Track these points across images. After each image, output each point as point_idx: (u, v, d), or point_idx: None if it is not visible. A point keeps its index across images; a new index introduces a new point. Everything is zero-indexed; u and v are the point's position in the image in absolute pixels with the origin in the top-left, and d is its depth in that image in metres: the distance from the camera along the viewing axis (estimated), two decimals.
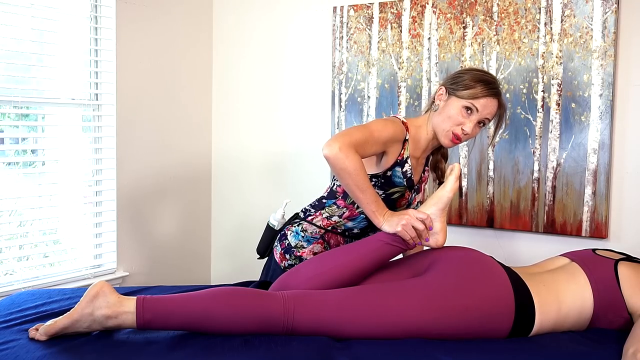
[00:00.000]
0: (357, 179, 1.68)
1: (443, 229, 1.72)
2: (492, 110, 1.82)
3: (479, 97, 1.78)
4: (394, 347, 1.49)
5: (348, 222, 1.94)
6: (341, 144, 1.66)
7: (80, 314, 1.47)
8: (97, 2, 2.62)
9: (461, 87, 1.80)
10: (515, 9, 2.32)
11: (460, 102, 1.79)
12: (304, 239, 1.94)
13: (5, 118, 2.47)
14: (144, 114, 2.79)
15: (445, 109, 1.82)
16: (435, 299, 1.57)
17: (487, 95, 1.79)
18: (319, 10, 2.79)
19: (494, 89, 1.80)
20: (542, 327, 1.62)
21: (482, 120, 1.82)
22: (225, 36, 3.09)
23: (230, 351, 1.44)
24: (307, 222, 1.96)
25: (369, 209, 1.71)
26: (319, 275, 1.68)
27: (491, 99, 1.80)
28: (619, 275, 1.67)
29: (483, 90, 1.78)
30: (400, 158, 1.84)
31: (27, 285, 2.39)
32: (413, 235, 1.66)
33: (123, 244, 2.75)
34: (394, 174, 1.85)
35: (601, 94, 2.18)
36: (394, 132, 1.80)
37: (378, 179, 1.85)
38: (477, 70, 1.88)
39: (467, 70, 1.88)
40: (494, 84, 1.82)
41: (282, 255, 1.95)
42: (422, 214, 1.68)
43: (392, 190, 1.87)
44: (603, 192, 2.19)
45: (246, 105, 3.04)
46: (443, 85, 1.85)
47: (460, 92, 1.79)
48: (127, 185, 2.73)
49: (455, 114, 1.80)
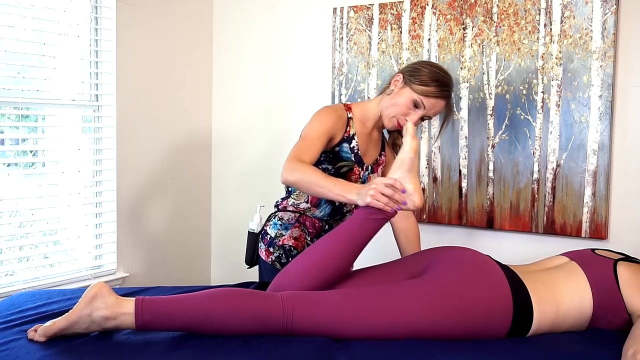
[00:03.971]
0: (310, 182, 1.72)
1: (417, 190, 1.69)
2: (438, 110, 1.91)
3: (430, 96, 1.86)
4: (394, 347, 1.49)
5: (315, 211, 2.01)
6: (285, 167, 1.76)
7: (79, 315, 1.47)
8: (97, 3, 2.62)
9: (417, 81, 1.87)
10: (515, 10, 2.32)
11: (411, 95, 1.87)
12: (282, 227, 2.01)
13: (5, 119, 2.47)
14: (144, 114, 2.79)
15: (397, 96, 1.90)
16: (434, 299, 1.57)
17: (437, 96, 1.87)
18: (319, 11, 2.79)
19: (445, 92, 1.88)
20: (541, 325, 1.62)
21: (425, 117, 1.90)
22: (225, 37, 3.09)
23: (230, 352, 1.44)
24: (281, 210, 2.04)
25: (335, 194, 1.70)
26: (308, 268, 1.67)
27: (440, 101, 1.88)
28: (618, 275, 1.67)
29: (436, 91, 1.86)
30: (347, 135, 1.94)
31: (28, 286, 2.39)
32: (385, 202, 1.63)
33: (123, 244, 2.75)
34: (342, 149, 1.94)
35: (601, 95, 2.18)
36: (333, 119, 1.90)
37: (327, 155, 1.94)
38: (437, 68, 1.92)
39: (427, 64, 1.92)
40: (448, 87, 1.89)
41: (267, 250, 2.01)
42: (389, 180, 1.64)
43: (340, 164, 1.94)
44: (603, 193, 2.19)
45: (246, 105, 3.04)
46: (401, 73, 1.92)
47: (414, 85, 1.87)
48: (127, 186, 2.74)
49: (403, 104, 1.88)
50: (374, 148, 2.04)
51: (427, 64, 1.92)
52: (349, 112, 1.97)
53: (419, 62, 1.95)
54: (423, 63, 1.93)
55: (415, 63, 1.94)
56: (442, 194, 2.50)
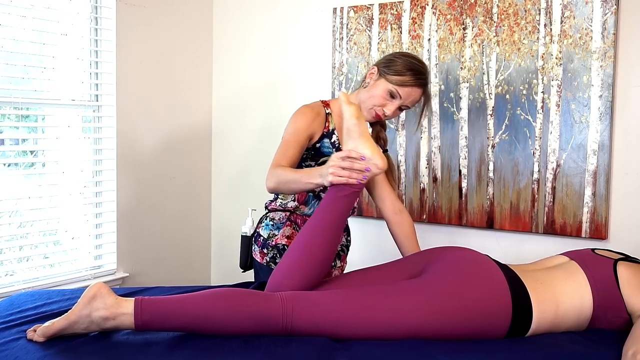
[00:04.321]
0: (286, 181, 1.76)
1: (375, 152, 1.64)
2: (415, 99, 1.91)
3: (406, 86, 1.87)
4: (394, 348, 1.49)
5: (305, 209, 2.02)
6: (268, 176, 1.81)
7: (78, 315, 1.47)
8: (97, 3, 2.62)
9: (392, 71, 1.88)
10: (515, 10, 2.32)
11: (387, 85, 1.88)
12: (274, 227, 2.01)
13: (5, 119, 2.47)
14: (144, 114, 2.79)
15: (373, 88, 1.91)
16: (433, 300, 1.57)
17: (413, 85, 1.87)
18: (319, 11, 2.79)
19: (421, 80, 1.89)
20: (540, 325, 1.61)
21: (403, 106, 1.91)
22: (225, 37, 3.09)
23: (230, 352, 1.44)
24: (271, 211, 2.05)
25: (304, 183, 1.72)
26: (296, 262, 1.67)
27: (416, 89, 1.89)
28: (618, 275, 1.67)
29: (411, 80, 1.87)
30: (327, 130, 1.97)
31: (27, 286, 2.39)
32: (347, 174, 1.61)
33: (123, 244, 2.75)
34: (323, 145, 1.96)
35: (601, 95, 2.18)
36: (309, 118, 1.92)
37: (309, 152, 1.96)
38: (410, 57, 1.93)
39: (401, 55, 1.93)
40: (423, 75, 1.90)
41: (261, 252, 2.02)
42: (343, 152, 1.63)
43: (323, 159, 1.96)
44: (603, 193, 2.19)
45: (247, 105, 3.04)
46: (376, 66, 1.93)
47: (389, 76, 1.88)
48: (127, 186, 2.74)
49: (379, 95, 1.89)
50: None
51: (400, 55, 1.93)
52: (327, 108, 1.99)
53: (392, 54, 1.96)
54: (397, 54, 1.94)
55: (389, 55, 1.96)
56: (442, 194, 2.50)
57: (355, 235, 2.57)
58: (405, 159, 2.57)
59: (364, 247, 2.69)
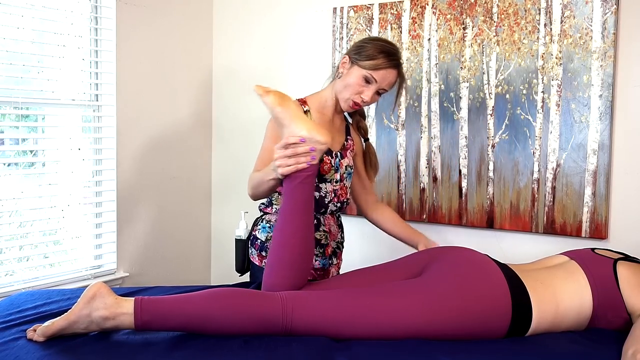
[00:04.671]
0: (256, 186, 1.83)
1: (312, 129, 1.63)
2: (390, 81, 1.90)
3: (379, 69, 1.85)
4: (394, 347, 1.49)
5: None
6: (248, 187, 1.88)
7: (78, 315, 1.47)
8: (97, 3, 2.62)
9: (363, 57, 1.87)
10: (515, 9, 2.32)
11: (360, 72, 1.87)
12: (271, 229, 1.98)
13: (5, 119, 2.47)
14: (144, 114, 2.79)
15: (347, 77, 1.90)
16: (433, 299, 1.57)
17: (387, 67, 1.86)
18: (319, 11, 2.79)
19: (394, 61, 1.88)
20: (540, 324, 1.61)
21: (380, 90, 1.90)
22: (225, 37, 3.09)
23: (230, 352, 1.44)
24: (267, 213, 2.03)
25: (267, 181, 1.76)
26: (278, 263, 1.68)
27: (390, 71, 1.88)
28: (618, 275, 1.67)
29: (384, 62, 1.85)
30: None
31: (27, 286, 2.39)
32: (294, 162, 1.63)
33: (123, 244, 2.75)
34: None
35: (601, 94, 2.18)
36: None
37: None
38: (380, 40, 1.93)
39: (370, 40, 1.92)
40: (395, 56, 1.89)
41: (260, 255, 2.00)
42: (281, 142, 1.65)
43: None
44: (603, 192, 2.19)
45: (247, 105, 3.04)
46: (347, 55, 1.92)
47: (362, 62, 1.87)
48: (127, 185, 2.74)
49: (354, 83, 1.88)
50: (339, 134, 2.03)
51: (369, 40, 1.92)
52: (304, 106, 1.97)
53: (361, 40, 1.94)
54: (365, 39, 1.93)
55: (358, 41, 1.94)
56: (442, 193, 2.50)
57: (354, 235, 2.57)
58: (405, 158, 2.57)
59: (363, 247, 2.69)
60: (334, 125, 2.01)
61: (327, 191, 1.95)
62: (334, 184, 1.96)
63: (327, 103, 1.98)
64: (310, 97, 2.01)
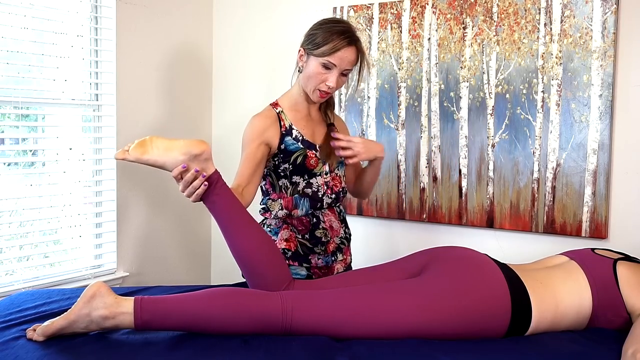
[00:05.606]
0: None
1: (183, 148, 1.63)
2: (350, 59, 1.87)
3: (336, 51, 1.82)
4: (394, 347, 1.49)
5: (297, 212, 1.96)
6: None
7: (77, 314, 1.47)
8: (97, 2, 2.62)
9: (316, 44, 1.85)
10: (515, 9, 2.32)
11: (318, 60, 1.85)
12: (271, 232, 1.99)
13: (5, 118, 2.47)
14: (144, 114, 2.79)
15: (306, 69, 1.89)
16: (433, 299, 1.57)
17: (341, 47, 1.83)
18: (319, 10, 2.79)
19: (348, 38, 1.84)
20: (540, 324, 1.62)
21: (344, 72, 1.87)
22: (225, 37, 3.09)
23: (229, 352, 1.45)
24: (267, 218, 2.02)
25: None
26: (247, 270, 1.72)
27: (347, 49, 1.84)
28: (618, 274, 1.67)
29: (337, 44, 1.82)
30: (284, 129, 1.94)
31: (27, 286, 2.39)
32: (191, 190, 1.63)
33: (123, 244, 2.75)
34: (287, 144, 1.93)
35: (601, 94, 2.18)
36: (256, 129, 1.89)
37: (278, 157, 1.93)
38: (328, 22, 1.90)
39: (319, 25, 1.89)
40: (348, 33, 1.85)
41: None
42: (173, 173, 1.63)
43: (293, 157, 1.93)
44: (603, 192, 2.19)
45: (247, 105, 3.04)
46: (302, 47, 1.91)
47: (315, 51, 1.85)
48: (127, 185, 2.74)
49: (315, 73, 1.86)
50: (320, 127, 2.03)
51: (318, 25, 1.89)
52: (276, 108, 1.97)
53: (310, 28, 1.91)
54: (314, 27, 1.91)
55: (308, 31, 1.91)
56: (442, 193, 2.50)
57: (356, 234, 2.57)
58: (405, 158, 2.57)
59: (365, 246, 2.69)
60: (312, 119, 2.02)
61: (319, 184, 1.95)
62: (324, 176, 1.96)
63: (298, 99, 1.99)
64: (282, 98, 2.02)
